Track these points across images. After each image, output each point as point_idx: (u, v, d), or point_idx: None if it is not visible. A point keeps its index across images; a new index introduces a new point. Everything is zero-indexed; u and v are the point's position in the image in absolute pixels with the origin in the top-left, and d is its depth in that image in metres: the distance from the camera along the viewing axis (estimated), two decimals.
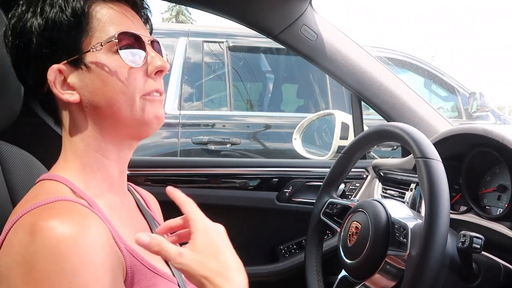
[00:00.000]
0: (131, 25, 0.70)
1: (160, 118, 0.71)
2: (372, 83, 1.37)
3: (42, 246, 0.54)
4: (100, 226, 0.60)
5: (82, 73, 0.67)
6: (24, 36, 0.67)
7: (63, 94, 0.68)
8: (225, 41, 2.98)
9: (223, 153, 2.79)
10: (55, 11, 0.66)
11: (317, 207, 1.10)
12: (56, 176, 0.68)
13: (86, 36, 0.67)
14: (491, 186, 1.00)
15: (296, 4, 1.26)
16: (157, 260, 0.72)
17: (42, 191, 0.65)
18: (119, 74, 0.67)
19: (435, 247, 0.71)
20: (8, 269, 0.56)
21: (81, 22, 0.67)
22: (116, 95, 0.67)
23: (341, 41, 1.36)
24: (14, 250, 0.56)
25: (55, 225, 0.55)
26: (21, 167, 0.85)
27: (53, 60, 0.67)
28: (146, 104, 0.69)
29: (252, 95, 3.27)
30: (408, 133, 0.84)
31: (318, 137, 2.11)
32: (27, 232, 0.56)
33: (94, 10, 0.68)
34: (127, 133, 0.72)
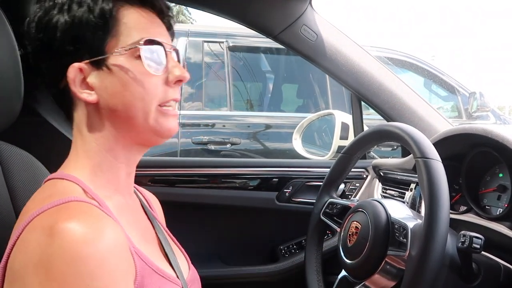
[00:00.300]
0: (155, 32, 0.70)
1: (172, 131, 0.72)
2: (372, 83, 1.37)
3: (60, 248, 0.54)
4: (116, 229, 0.60)
5: (102, 74, 0.67)
6: (49, 31, 0.67)
7: (81, 93, 0.68)
8: (225, 41, 2.98)
9: (223, 153, 2.79)
10: (83, 10, 0.66)
11: (317, 207, 1.10)
12: (68, 175, 0.68)
13: (111, 38, 0.67)
14: (491, 186, 1.00)
15: (296, 4, 1.26)
16: (162, 263, 0.72)
17: (56, 190, 0.65)
18: (140, 80, 0.67)
19: (435, 247, 0.71)
20: (24, 267, 0.56)
21: (107, 24, 0.67)
22: (134, 100, 0.67)
23: (341, 41, 1.36)
24: (31, 250, 0.56)
25: (74, 227, 0.55)
26: (21, 167, 0.85)
27: (74, 58, 0.67)
28: (160, 117, 0.70)
29: (252, 95, 3.27)
30: (408, 133, 0.84)
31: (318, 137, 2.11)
32: (45, 232, 0.56)
33: (122, 13, 0.68)
34: (139, 138, 0.72)
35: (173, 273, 0.73)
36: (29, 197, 0.84)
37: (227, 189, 1.53)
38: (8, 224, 0.80)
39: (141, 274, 0.64)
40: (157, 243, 0.77)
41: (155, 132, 0.70)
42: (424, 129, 1.34)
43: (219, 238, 1.57)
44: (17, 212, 0.82)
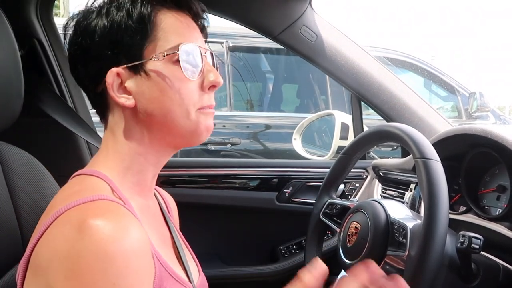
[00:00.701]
0: (192, 37, 0.70)
1: (210, 129, 0.72)
2: (371, 84, 1.37)
3: (89, 245, 0.54)
4: (142, 231, 0.60)
5: (140, 79, 0.67)
6: (87, 35, 0.67)
7: (119, 98, 0.67)
8: (225, 41, 2.98)
9: (223, 153, 2.79)
10: (122, 15, 0.66)
11: (316, 208, 1.10)
12: (97, 172, 0.68)
13: (149, 44, 0.67)
14: (490, 187, 1.00)
15: (296, 4, 1.26)
16: (177, 267, 0.73)
17: (84, 186, 0.65)
18: (177, 85, 0.67)
19: (434, 248, 0.71)
20: (49, 261, 0.56)
21: (146, 29, 0.67)
22: (172, 106, 0.68)
23: (341, 42, 1.36)
24: (58, 244, 0.56)
25: (103, 225, 0.55)
26: (22, 167, 0.85)
27: (112, 62, 0.67)
28: (200, 116, 0.70)
29: (252, 95, 3.27)
30: (407, 134, 0.85)
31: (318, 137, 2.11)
32: (75, 228, 0.55)
33: (159, 18, 0.68)
34: (174, 142, 0.72)
35: (186, 278, 0.73)
36: (30, 197, 0.84)
37: (227, 190, 1.54)
38: (8, 224, 0.80)
39: (159, 277, 0.64)
40: (172, 246, 0.78)
41: (194, 133, 0.70)
42: (424, 129, 1.34)
43: (219, 238, 1.58)
44: (17, 212, 0.82)
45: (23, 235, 0.82)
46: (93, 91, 0.70)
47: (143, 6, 0.67)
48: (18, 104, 0.82)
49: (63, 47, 1.38)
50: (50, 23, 1.34)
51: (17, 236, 0.81)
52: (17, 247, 0.81)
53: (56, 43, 1.35)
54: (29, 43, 1.28)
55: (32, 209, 0.84)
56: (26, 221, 0.83)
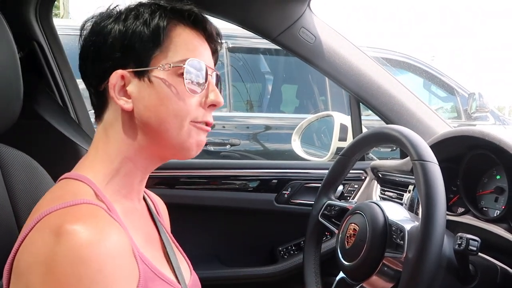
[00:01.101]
0: (201, 54, 0.72)
1: (200, 145, 0.74)
2: (370, 85, 1.38)
3: (65, 249, 0.55)
4: (121, 234, 0.61)
5: (143, 85, 0.69)
6: (102, 35, 0.70)
7: (118, 99, 0.69)
8: (224, 42, 2.99)
9: (223, 154, 2.79)
10: (139, 24, 0.69)
11: (315, 209, 1.10)
12: (82, 176, 0.69)
13: (159, 53, 0.69)
14: (488, 188, 1.00)
15: (295, 6, 1.26)
16: (165, 268, 0.73)
17: (67, 191, 0.66)
18: (177, 97, 0.69)
19: (432, 250, 0.72)
20: (29, 265, 0.57)
21: (159, 39, 0.69)
22: (168, 116, 0.69)
23: (339, 43, 1.37)
24: (37, 248, 0.57)
25: (80, 229, 0.56)
26: (21, 169, 0.85)
27: (119, 64, 0.69)
28: (192, 130, 0.71)
29: (252, 96, 3.27)
30: (405, 136, 0.85)
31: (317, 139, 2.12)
32: (53, 232, 0.56)
33: (174, 32, 0.71)
34: (163, 152, 0.74)
35: (175, 278, 0.74)
36: (29, 200, 0.84)
37: (226, 191, 1.54)
38: (7, 227, 0.81)
39: (144, 278, 0.64)
40: (161, 248, 0.78)
41: (184, 147, 0.72)
42: (423, 131, 1.34)
43: (218, 239, 1.58)
44: (17, 214, 0.83)
45: None
46: (95, 89, 0.72)
47: (160, 19, 0.70)
48: (18, 106, 0.82)
49: (62, 50, 1.39)
50: (50, 25, 1.35)
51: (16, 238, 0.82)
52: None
53: (55, 45, 1.35)
54: (29, 46, 1.28)
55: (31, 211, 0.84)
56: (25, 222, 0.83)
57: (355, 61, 1.37)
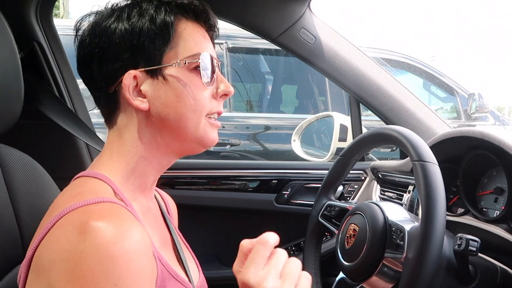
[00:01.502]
0: (207, 47, 0.73)
1: (214, 142, 0.75)
2: (370, 86, 1.38)
3: (91, 247, 0.55)
4: (143, 232, 0.61)
5: (157, 84, 0.69)
6: (106, 36, 0.69)
7: (134, 100, 0.69)
8: (224, 42, 2.99)
9: (222, 155, 2.79)
10: (144, 21, 0.69)
11: (315, 209, 1.10)
12: (100, 174, 0.68)
13: (170, 50, 0.69)
14: (488, 189, 1.00)
15: (295, 7, 1.26)
16: (177, 267, 0.74)
17: (87, 189, 0.66)
18: (193, 92, 0.70)
19: (431, 250, 0.72)
20: (51, 262, 0.57)
21: (168, 35, 0.69)
22: (187, 111, 0.70)
23: (339, 44, 1.37)
24: (60, 245, 0.57)
25: (105, 227, 0.56)
26: (21, 170, 0.86)
27: (130, 64, 0.69)
28: (208, 126, 0.72)
29: (252, 96, 3.27)
30: (405, 136, 0.85)
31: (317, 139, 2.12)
32: (76, 229, 0.56)
33: (180, 26, 0.71)
34: (181, 147, 0.74)
35: (187, 278, 0.74)
36: (29, 200, 0.85)
37: (226, 191, 1.54)
38: (8, 227, 0.81)
39: (161, 277, 0.65)
40: (172, 248, 0.79)
41: (201, 142, 0.73)
42: (422, 131, 1.34)
43: (218, 239, 1.58)
44: (17, 215, 0.83)
45: (23, 237, 0.83)
46: (105, 92, 0.71)
47: (166, 14, 0.70)
48: (18, 106, 0.82)
49: (63, 50, 1.39)
50: (50, 26, 1.35)
51: (17, 238, 0.82)
52: (17, 249, 0.82)
53: (56, 45, 1.36)
54: (29, 46, 1.28)
55: (32, 211, 0.84)
56: (26, 223, 0.83)
57: (355, 61, 1.37)
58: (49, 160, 0.96)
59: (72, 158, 1.37)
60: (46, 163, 0.91)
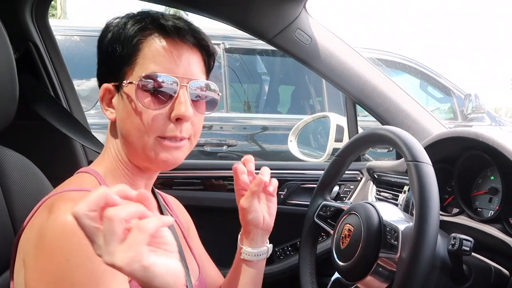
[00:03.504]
0: (172, 66, 0.71)
1: (168, 164, 0.74)
2: (366, 86, 1.38)
3: (52, 223, 0.59)
4: None
5: (119, 98, 0.73)
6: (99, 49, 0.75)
7: (106, 110, 0.75)
8: (221, 43, 2.99)
9: (220, 155, 2.79)
10: (116, 36, 0.72)
11: (311, 210, 1.11)
12: (91, 170, 0.75)
13: (128, 68, 0.71)
14: (482, 189, 1.01)
15: (290, 8, 1.27)
16: None
17: (75, 181, 0.73)
18: (139, 112, 0.71)
19: (425, 250, 0.72)
20: (28, 237, 0.64)
21: (126, 52, 0.71)
22: (132, 130, 0.72)
23: (335, 45, 1.37)
24: (35, 223, 0.64)
25: (68, 207, 0.60)
26: (16, 170, 0.86)
27: (106, 78, 0.74)
28: (158, 147, 0.72)
29: (249, 97, 3.27)
30: (400, 137, 0.85)
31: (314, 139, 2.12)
32: (47, 209, 0.62)
33: (147, 43, 0.71)
34: (139, 163, 0.76)
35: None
36: (24, 200, 0.85)
37: (221, 191, 1.54)
38: (2, 227, 0.81)
39: None
40: None
41: (150, 162, 0.74)
42: (418, 131, 1.35)
43: (214, 240, 1.57)
44: (12, 215, 0.83)
45: None
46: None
47: (130, 29, 0.71)
48: (13, 107, 0.82)
49: (58, 50, 1.39)
50: (46, 26, 1.35)
51: (11, 239, 0.82)
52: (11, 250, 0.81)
53: (51, 46, 1.35)
54: (24, 46, 1.28)
55: (27, 212, 0.84)
56: (20, 223, 0.83)
57: (351, 62, 1.37)
58: (44, 161, 0.96)
59: (67, 158, 1.37)
60: (41, 164, 0.91)
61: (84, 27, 2.81)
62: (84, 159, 1.42)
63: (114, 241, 0.46)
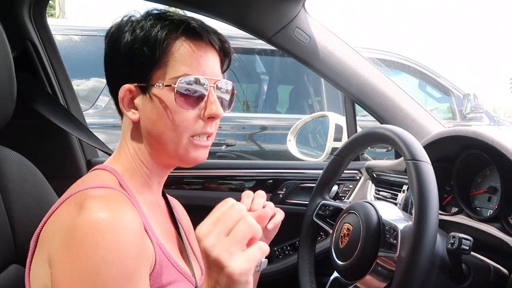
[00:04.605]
0: (201, 67, 0.74)
1: (198, 161, 0.78)
2: (365, 85, 1.38)
3: (85, 219, 0.60)
4: (136, 215, 0.66)
5: (146, 99, 0.74)
6: (114, 49, 0.74)
7: (127, 111, 0.75)
8: None
9: (218, 155, 2.79)
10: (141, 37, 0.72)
11: (310, 209, 1.11)
12: (109, 167, 0.76)
13: (158, 69, 0.72)
14: (481, 188, 1.01)
15: (289, 7, 1.26)
16: (180, 259, 0.78)
17: (96, 177, 0.74)
18: (173, 113, 0.73)
19: (424, 249, 0.72)
20: (53, 233, 0.64)
21: (157, 54, 0.71)
22: (166, 130, 0.73)
23: (334, 44, 1.37)
24: (62, 218, 0.64)
25: (99, 205, 0.62)
26: (14, 169, 0.85)
27: (126, 78, 0.74)
28: (190, 146, 0.75)
29: (248, 97, 3.27)
30: (399, 136, 0.85)
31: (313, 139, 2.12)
32: (77, 206, 0.63)
33: (175, 45, 0.73)
34: (166, 161, 0.79)
35: (189, 271, 0.78)
36: (22, 199, 0.85)
37: (220, 191, 1.54)
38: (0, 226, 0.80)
39: (160, 264, 0.69)
40: (177, 243, 0.83)
41: (182, 160, 0.77)
42: (417, 131, 1.34)
43: None
44: (10, 214, 0.82)
45: (16, 237, 0.82)
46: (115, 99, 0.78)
47: (159, 32, 0.72)
48: (10, 106, 0.82)
49: (56, 49, 1.38)
50: (44, 24, 1.34)
51: (9, 238, 0.81)
52: (9, 249, 0.81)
53: (49, 44, 1.35)
54: (22, 45, 1.28)
55: (25, 211, 0.84)
56: (18, 222, 0.83)
57: (350, 61, 1.37)
58: (42, 160, 0.95)
59: (65, 157, 1.37)
60: (39, 163, 0.91)
61: (83, 27, 2.81)
62: (82, 158, 1.42)
63: (240, 246, 0.52)
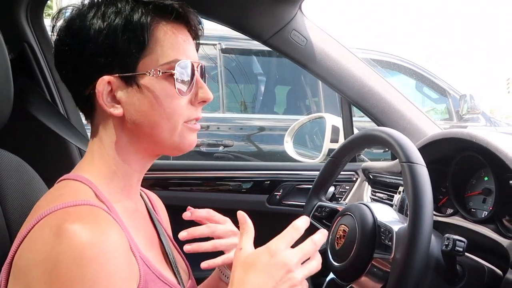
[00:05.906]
0: (187, 51, 0.69)
1: (193, 145, 0.73)
2: (361, 87, 1.38)
3: (67, 249, 0.54)
4: (121, 234, 0.60)
5: (131, 91, 0.66)
6: (81, 37, 0.65)
7: (108, 107, 0.67)
8: (218, 43, 2.99)
9: (216, 156, 2.79)
10: (120, 22, 0.65)
11: (306, 210, 1.11)
12: (81, 177, 0.67)
13: (145, 56, 0.66)
14: (476, 190, 1.01)
15: (286, 9, 1.27)
16: (165, 270, 0.73)
17: (67, 191, 0.65)
18: (168, 101, 0.67)
19: (418, 250, 0.72)
20: (29, 264, 0.57)
21: (144, 40, 0.65)
22: (161, 120, 0.68)
23: (331, 46, 1.37)
24: (38, 247, 0.56)
25: (81, 230, 0.55)
26: (11, 171, 0.85)
27: (105, 69, 0.65)
28: (185, 131, 0.70)
29: (245, 97, 3.28)
30: (394, 138, 0.86)
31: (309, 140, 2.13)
32: (53, 232, 0.56)
33: (158, 31, 0.66)
34: (159, 151, 0.73)
35: (175, 280, 0.74)
36: (19, 201, 0.84)
37: (217, 192, 1.54)
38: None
39: (144, 280, 0.64)
40: (160, 249, 0.78)
41: (177, 147, 0.71)
42: (413, 132, 1.35)
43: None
44: (6, 216, 0.82)
45: (12, 239, 0.82)
46: (81, 93, 0.69)
47: (142, 16, 0.65)
48: (7, 108, 0.82)
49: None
50: (41, 27, 1.34)
51: (6, 240, 0.81)
52: (6, 251, 0.81)
53: (46, 47, 1.35)
54: (19, 47, 1.28)
55: (22, 213, 0.84)
56: (15, 225, 0.83)
57: (346, 63, 1.38)
58: (39, 162, 0.95)
59: (62, 159, 1.37)
60: (36, 165, 0.91)
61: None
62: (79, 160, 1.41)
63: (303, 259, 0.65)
